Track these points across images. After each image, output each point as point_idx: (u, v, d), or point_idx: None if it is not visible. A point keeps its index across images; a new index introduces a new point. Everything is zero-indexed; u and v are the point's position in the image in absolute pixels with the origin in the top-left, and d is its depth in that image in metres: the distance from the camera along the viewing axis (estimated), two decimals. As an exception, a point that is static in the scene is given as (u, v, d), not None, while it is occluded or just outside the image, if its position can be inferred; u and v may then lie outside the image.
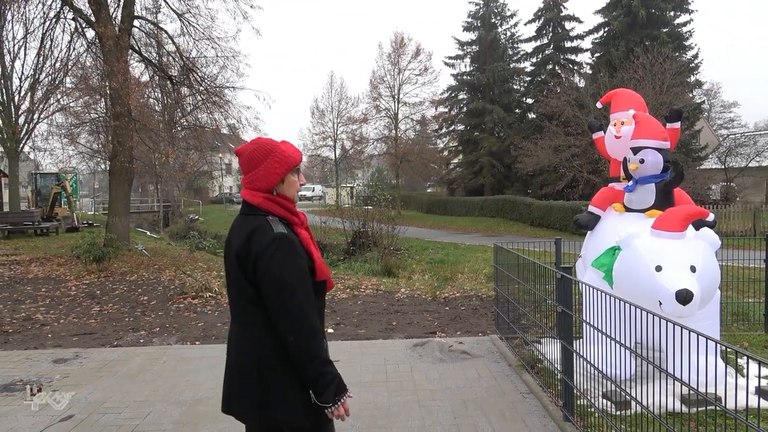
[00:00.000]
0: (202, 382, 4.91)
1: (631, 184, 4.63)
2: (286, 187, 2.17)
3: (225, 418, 4.04)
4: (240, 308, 2.15)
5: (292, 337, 1.97)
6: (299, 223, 2.18)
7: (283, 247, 2.01)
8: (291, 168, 2.15)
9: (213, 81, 15.90)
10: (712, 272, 3.95)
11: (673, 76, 24.41)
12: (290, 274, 2.00)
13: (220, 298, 9.10)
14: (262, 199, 2.11)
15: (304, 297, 2.01)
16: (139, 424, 4.04)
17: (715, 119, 52.94)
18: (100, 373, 5.22)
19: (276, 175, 2.12)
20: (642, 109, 5.05)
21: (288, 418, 2.05)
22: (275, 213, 2.11)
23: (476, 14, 38.61)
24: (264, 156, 2.11)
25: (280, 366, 2.04)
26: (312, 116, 42.45)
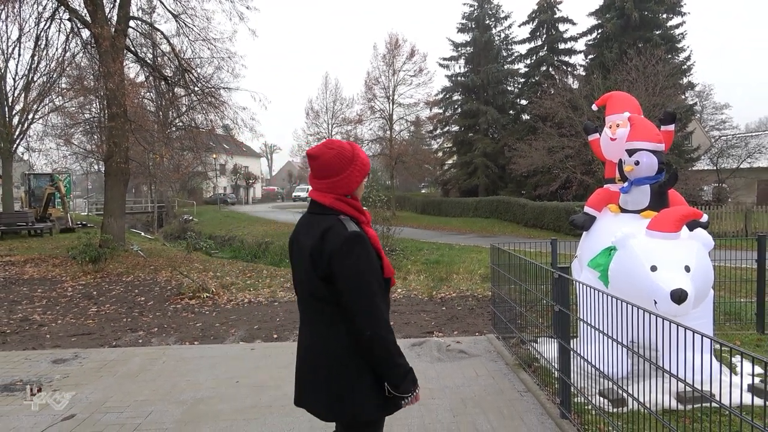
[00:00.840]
0: (203, 382, 4.95)
1: (627, 185, 4.70)
2: (359, 191, 2.29)
3: (225, 417, 4.12)
4: (310, 306, 2.22)
5: (369, 332, 2.03)
6: (366, 222, 2.25)
7: (359, 245, 2.08)
8: (366, 175, 2.28)
9: (208, 82, 15.90)
10: (705, 272, 4.02)
11: (666, 78, 24.60)
12: (366, 271, 2.07)
13: (217, 298, 9.13)
14: (333, 200, 2.19)
15: (379, 292, 2.09)
16: (141, 423, 4.07)
17: (707, 121, 53.32)
18: (100, 373, 5.24)
19: (356, 183, 2.24)
20: (637, 112, 5.14)
21: (358, 411, 2.12)
22: (346, 212, 2.19)
23: (470, 15, 38.73)
24: (346, 164, 2.19)
25: (351, 362, 2.11)
26: (307, 117, 42.48)
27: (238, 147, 42.51)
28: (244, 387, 4.81)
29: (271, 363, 5.47)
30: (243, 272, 12.33)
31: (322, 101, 41.78)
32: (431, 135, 43.42)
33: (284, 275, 11.86)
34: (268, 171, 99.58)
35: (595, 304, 3.79)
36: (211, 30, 15.42)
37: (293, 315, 7.85)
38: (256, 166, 70.60)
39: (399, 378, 2.09)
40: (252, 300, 9.09)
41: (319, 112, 41.81)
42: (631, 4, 29.72)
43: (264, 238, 26.09)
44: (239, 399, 4.52)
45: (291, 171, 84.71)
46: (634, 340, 3.74)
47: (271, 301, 9.03)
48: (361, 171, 2.24)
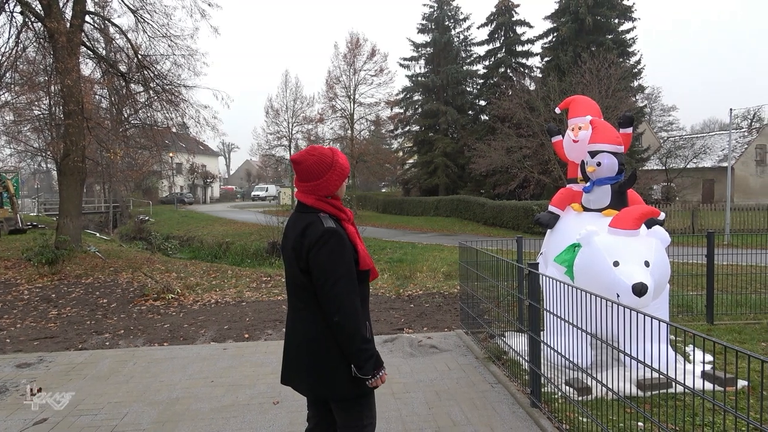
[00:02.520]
0: (176, 382, 4.93)
1: (589, 185, 4.95)
2: (340, 192, 2.53)
3: (204, 416, 4.15)
4: (294, 294, 2.50)
5: (337, 317, 2.27)
6: (347, 219, 2.49)
7: (332, 239, 2.31)
8: (345, 178, 2.50)
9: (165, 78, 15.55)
10: (663, 266, 4.30)
11: (618, 81, 25.50)
12: (337, 263, 2.30)
13: (182, 299, 9.02)
14: (315, 200, 2.44)
15: (348, 283, 2.30)
16: (117, 424, 4.05)
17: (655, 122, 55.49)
18: (68, 376, 5.15)
19: (336, 186, 2.48)
20: (598, 115, 5.40)
21: (334, 388, 2.38)
22: (326, 211, 2.43)
23: (430, 17, 39.13)
24: (326, 169, 2.43)
25: (328, 345, 2.37)
26: (266, 115, 41.96)
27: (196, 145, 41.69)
28: (220, 386, 4.82)
29: (245, 362, 5.50)
30: (207, 273, 12.19)
31: (283, 100, 41.38)
32: (392, 134, 43.68)
33: (249, 275, 11.79)
34: (226, 170, 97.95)
35: (561, 298, 4.00)
36: (171, 27, 15.11)
37: (262, 315, 7.86)
38: (213, 164, 69.32)
39: (363, 360, 2.31)
40: (219, 300, 9.03)
41: (279, 110, 41.41)
42: (584, 9, 30.68)
43: (224, 238, 25.73)
44: (216, 398, 4.54)
45: (249, 170, 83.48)
46: (598, 333, 3.97)
47: (238, 301, 8.99)
48: (340, 175, 2.47)
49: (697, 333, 2.79)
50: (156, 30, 14.65)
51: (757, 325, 6.31)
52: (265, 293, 9.65)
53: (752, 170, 38.45)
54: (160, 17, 15.03)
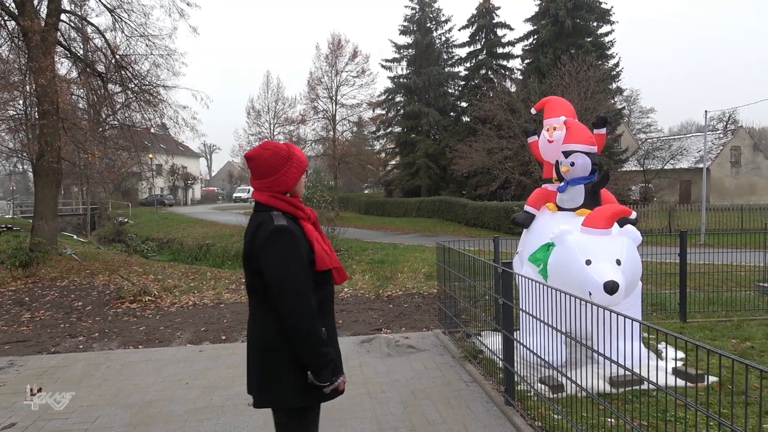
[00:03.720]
0: (150, 385, 4.87)
1: (563, 185, 5.01)
2: (298, 188, 2.40)
3: (177, 419, 4.11)
4: (250, 298, 2.36)
5: (291, 321, 2.13)
6: (305, 217, 2.36)
7: (282, 238, 2.18)
8: (303, 172, 2.38)
9: (144, 78, 15.38)
10: (634, 265, 4.36)
11: (597, 83, 25.83)
12: (288, 263, 2.16)
13: (159, 302, 8.92)
14: (268, 197, 2.31)
15: (301, 284, 2.17)
16: (89, 428, 3.99)
17: (634, 124, 56.40)
18: (40, 380, 5.06)
19: (293, 180, 2.34)
20: (572, 116, 5.46)
21: (279, 397, 2.23)
22: (279, 208, 2.30)
23: (412, 18, 39.23)
24: (282, 162, 2.31)
25: (279, 350, 2.22)
26: (248, 116, 41.68)
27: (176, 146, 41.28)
28: (195, 388, 4.78)
29: (220, 364, 5.45)
30: (185, 275, 12.06)
31: (264, 101, 41.19)
32: (374, 136, 43.67)
33: (228, 277, 11.70)
34: (208, 171, 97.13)
35: (536, 296, 4.04)
36: (149, 26, 14.93)
37: (240, 316, 7.80)
38: (194, 166, 68.69)
39: (320, 366, 2.17)
40: (197, 302, 8.94)
41: (260, 111, 41.19)
42: (564, 12, 31.01)
43: (205, 240, 25.50)
44: (190, 400, 4.50)
45: (231, 171, 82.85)
46: (571, 331, 4.01)
47: (216, 303, 8.92)
48: (298, 169, 2.35)
49: (668, 331, 2.84)
50: (134, 30, 14.51)
51: (728, 322, 6.43)
52: (244, 295, 9.57)
53: (727, 171, 39.21)
54: (138, 16, 14.89)
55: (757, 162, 40.11)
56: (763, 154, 41.88)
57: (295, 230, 2.25)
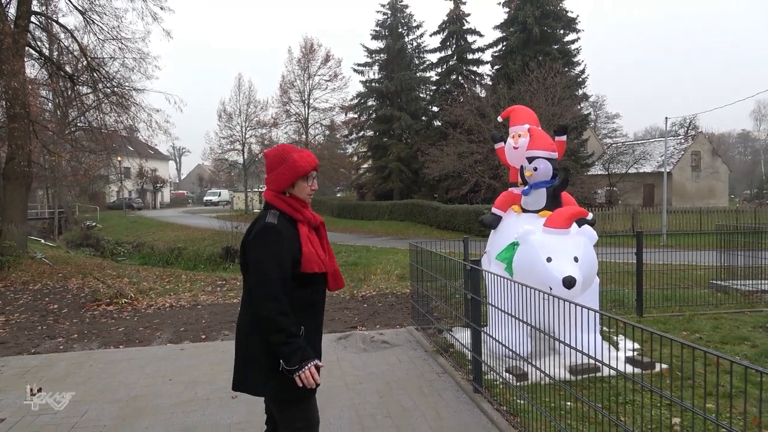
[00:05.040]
0: (135, 381, 5.05)
1: (527, 188, 5.37)
2: (297, 191, 2.54)
3: (164, 411, 4.32)
4: (244, 286, 2.59)
5: (265, 312, 2.32)
6: (302, 220, 2.52)
7: (267, 235, 2.38)
8: (299, 176, 2.50)
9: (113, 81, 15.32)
10: (590, 262, 4.74)
11: (563, 90, 26.60)
12: (268, 259, 2.35)
13: (136, 304, 9.00)
14: (271, 197, 2.52)
15: (277, 280, 2.33)
16: (78, 421, 4.16)
17: (600, 129, 57.89)
18: (24, 378, 5.18)
19: (285, 182, 2.50)
20: (535, 124, 5.84)
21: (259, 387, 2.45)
22: (279, 208, 2.49)
23: (384, 23, 39.64)
24: (278, 163, 2.50)
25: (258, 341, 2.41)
26: (219, 119, 41.59)
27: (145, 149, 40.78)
28: (179, 384, 4.97)
29: (203, 361, 5.65)
30: (160, 277, 12.12)
31: (236, 103, 41.14)
32: (346, 139, 43.94)
33: (204, 279, 11.81)
34: (177, 174, 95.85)
35: (502, 292, 4.37)
36: (122, 29, 14.91)
37: (218, 317, 7.97)
38: (164, 169, 67.77)
39: (288, 353, 2.30)
40: (173, 304, 9.06)
41: (232, 114, 41.15)
42: (532, 20, 31.80)
43: (176, 243, 25.36)
44: (175, 394, 4.69)
45: (201, 174, 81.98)
46: (535, 323, 4.35)
47: (193, 304, 9.05)
48: (290, 171, 2.47)
49: (621, 319, 3.18)
50: (106, 33, 14.47)
51: (681, 316, 6.91)
52: (221, 296, 9.74)
53: (688, 175, 40.66)
54: (110, 19, 14.84)
55: (715, 166, 41.69)
56: (721, 158, 43.57)
57: (282, 230, 2.41)
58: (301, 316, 2.43)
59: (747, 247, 8.80)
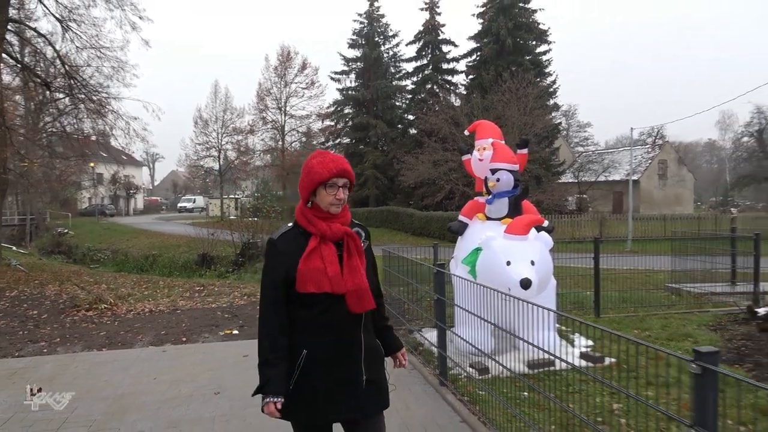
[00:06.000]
0: (120, 381, 5.30)
1: (491, 197, 5.81)
2: (318, 199, 2.29)
3: (150, 407, 4.62)
4: None
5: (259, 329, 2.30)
6: (316, 233, 2.25)
7: (266, 251, 2.31)
8: (316, 183, 2.25)
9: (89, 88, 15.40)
10: (546, 265, 5.18)
11: (535, 100, 27.37)
12: (264, 275, 2.29)
13: (115, 309, 9.19)
14: (297, 208, 2.35)
15: (269, 298, 2.25)
16: (69, 417, 4.41)
17: (572, 138, 59.18)
18: (11, 380, 5.39)
19: (304, 189, 2.31)
20: (499, 138, 6.29)
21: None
22: (296, 220, 2.32)
23: (361, 32, 40.13)
24: (302, 171, 2.35)
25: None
26: (195, 126, 41.51)
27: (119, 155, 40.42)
28: (163, 383, 5.25)
29: (185, 362, 5.92)
30: (138, 284, 12.27)
31: (212, 110, 41.12)
32: (323, 147, 44.19)
33: (182, 285, 11.99)
34: (150, 180, 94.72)
35: (468, 293, 4.77)
36: (101, 38, 15.04)
37: (198, 321, 8.22)
38: (137, 175, 67.00)
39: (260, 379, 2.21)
40: (153, 309, 9.26)
41: (208, 121, 41.11)
42: (505, 31, 32.65)
43: (150, 250, 25.28)
44: (160, 392, 4.97)
45: (176, 181, 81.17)
46: (497, 322, 4.76)
47: (172, 309, 9.26)
48: (307, 179, 2.27)
49: (576, 318, 3.58)
50: (85, 41, 14.59)
51: (635, 317, 7.42)
52: (200, 302, 9.96)
53: (655, 183, 41.96)
54: (88, 27, 14.96)
55: (681, 175, 43.10)
56: (687, 167, 45.06)
57: (282, 245, 2.25)
58: (306, 339, 2.23)
59: (698, 253, 9.40)
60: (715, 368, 1.95)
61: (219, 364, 5.84)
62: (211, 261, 18.75)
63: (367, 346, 2.33)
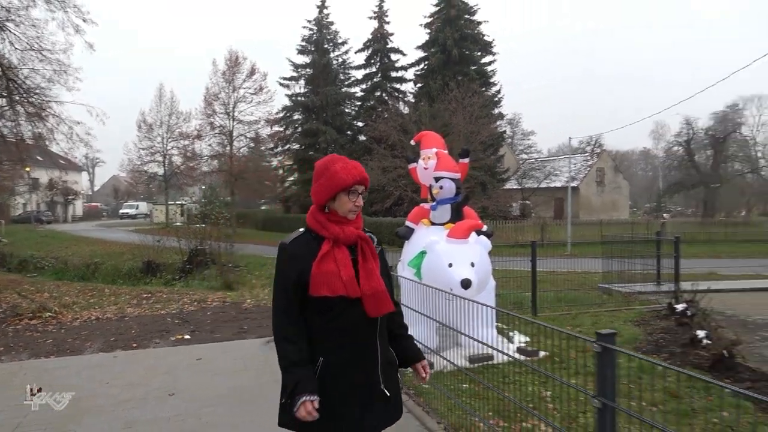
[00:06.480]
0: (73, 386, 5.33)
1: (435, 204, 6.19)
2: (337, 205, 2.25)
3: (106, 409, 4.72)
4: None
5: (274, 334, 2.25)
6: (329, 237, 2.20)
7: (278, 255, 2.25)
8: (338, 189, 2.21)
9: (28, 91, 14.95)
10: (485, 266, 5.60)
11: (480, 109, 28.28)
12: (276, 280, 2.24)
13: (60, 317, 9.05)
14: (308, 212, 2.32)
15: (279, 303, 2.21)
16: (22, 421, 4.46)
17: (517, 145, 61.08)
18: (-43, 388, 5.33)
19: (324, 194, 2.24)
20: (442, 148, 6.68)
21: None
22: (307, 223, 2.28)
23: (310, 39, 40.27)
24: (319, 174, 2.27)
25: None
26: (139, 130, 40.44)
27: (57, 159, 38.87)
28: (116, 387, 5.32)
29: (137, 366, 5.99)
30: (82, 292, 12.03)
31: (157, 114, 40.20)
32: (272, 152, 43.96)
33: (129, 293, 11.85)
34: (90, 186, 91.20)
35: (413, 293, 5.11)
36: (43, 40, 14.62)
37: (148, 327, 8.23)
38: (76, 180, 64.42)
39: (283, 385, 2.16)
40: (99, 317, 9.17)
41: (152, 125, 40.15)
42: (452, 42, 33.57)
43: (92, 258, 24.49)
44: (114, 395, 5.06)
45: (117, 186, 78.47)
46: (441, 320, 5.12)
47: (120, 316, 9.20)
48: (328, 183, 2.21)
49: (515, 314, 3.95)
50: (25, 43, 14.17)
51: (569, 314, 7.98)
52: (148, 309, 9.92)
53: (594, 190, 43.95)
54: (27, 29, 14.51)
55: (618, 182, 45.34)
56: (622, 175, 47.40)
57: (295, 249, 2.22)
58: (322, 346, 2.19)
59: (629, 255, 10.13)
60: (612, 347, 2.34)
61: (172, 367, 5.94)
62: (157, 268, 18.42)
63: (383, 353, 2.27)
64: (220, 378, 5.51)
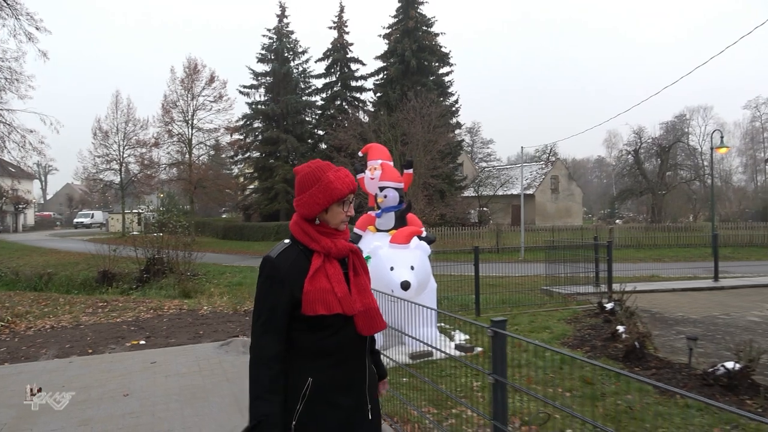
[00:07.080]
0: (28, 390, 5.51)
1: (379, 212, 6.61)
2: (329, 216, 2.11)
3: (63, 410, 4.92)
4: None
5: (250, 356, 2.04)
6: (320, 251, 2.05)
7: (262, 270, 2.04)
8: (334, 200, 2.07)
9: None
10: (424, 269, 6.05)
11: (438, 118, 29.01)
12: (258, 297, 2.03)
13: (13, 327, 9.06)
14: (293, 222, 2.14)
15: (265, 320, 1.99)
16: (-23, 424, 4.64)
17: (476, 154, 62.44)
18: None
19: (318, 205, 2.07)
20: (388, 159, 7.13)
21: None
22: (294, 236, 2.11)
23: (270, 47, 40.43)
24: (310, 183, 2.08)
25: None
26: (94, 137, 39.70)
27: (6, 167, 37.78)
28: (71, 390, 5.51)
29: (93, 370, 6.18)
30: (36, 301, 11.95)
31: (113, 121, 39.56)
32: (232, 160, 43.81)
33: (84, 302, 11.84)
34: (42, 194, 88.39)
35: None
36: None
37: (104, 334, 8.36)
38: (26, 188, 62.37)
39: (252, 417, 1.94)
40: (54, 325, 9.21)
41: (108, 132, 39.48)
42: (410, 53, 34.31)
43: (45, 268, 23.99)
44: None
45: (71, 195, 76.38)
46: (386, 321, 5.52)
47: (75, 324, 9.26)
48: (325, 193, 2.05)
49: (455, 315, 4.38)
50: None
51: (509, 314, 8.51)
52: (104, 317, 9.99)
53: (549, 197, 45.31)
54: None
55: (571, 189, 46.87)
56: (576, 182, 49.03)
57: (281, 263, 2.03)
58: (311, 366, 2.01)
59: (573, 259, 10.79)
60: (502, 331, 2.78)
61: (127, 370, 6.16)
62: (113, 278, 18.26)
63: (370, 371, 2.19)
64: (174, 378, 5.77)
